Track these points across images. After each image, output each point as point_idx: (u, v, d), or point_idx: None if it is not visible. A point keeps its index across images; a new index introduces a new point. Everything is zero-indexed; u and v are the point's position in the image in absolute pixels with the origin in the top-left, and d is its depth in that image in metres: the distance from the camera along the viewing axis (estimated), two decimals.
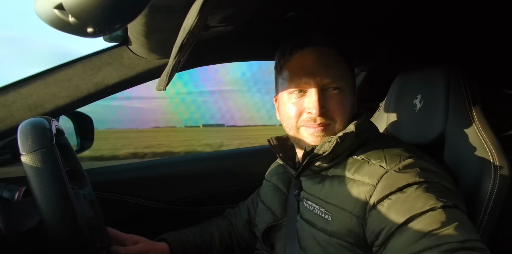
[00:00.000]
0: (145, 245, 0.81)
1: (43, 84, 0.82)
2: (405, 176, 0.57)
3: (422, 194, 0.54)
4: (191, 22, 0.47)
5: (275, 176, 0.86)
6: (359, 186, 0.60)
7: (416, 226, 0.52)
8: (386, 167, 0.59)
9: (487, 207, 0.61)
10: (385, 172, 0.58)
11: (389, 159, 0.60)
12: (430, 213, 0.52)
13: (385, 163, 0.60)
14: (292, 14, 0.76)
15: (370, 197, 0.58)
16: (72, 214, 0.51)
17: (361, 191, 0.59)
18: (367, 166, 0.61)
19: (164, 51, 0.83)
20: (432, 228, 0.50)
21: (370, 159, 0.62)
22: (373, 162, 0.61)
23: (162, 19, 0.62)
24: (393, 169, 0.58)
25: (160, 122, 76.54)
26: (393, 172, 0.58)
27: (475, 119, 0.69)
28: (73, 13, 0.28)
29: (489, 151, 0.64)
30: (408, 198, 0.54)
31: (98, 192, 0.86)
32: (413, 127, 0.83)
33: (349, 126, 0.66)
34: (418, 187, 0.55)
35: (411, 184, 0.56)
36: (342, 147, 0.65)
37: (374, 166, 0.60)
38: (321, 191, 0.66)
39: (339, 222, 0.61)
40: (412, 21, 0.86)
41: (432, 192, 0.54)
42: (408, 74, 0.89)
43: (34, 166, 0.50)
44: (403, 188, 0.56)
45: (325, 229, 0.63)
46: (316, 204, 0.66)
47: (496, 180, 0.61)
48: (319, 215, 0.64)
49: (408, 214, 0.53)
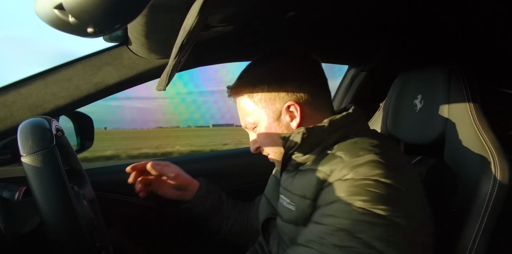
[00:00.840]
0: (184, 179, 0.93)
1: (43, 84, 0.82)
2: (358, 170, 0.56)
3: (360, 189, 0.54)
4: (191, 22, 0.47)
5: (277, 171, 0.89)
6: (316, 172, 0.62)
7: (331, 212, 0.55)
8: (344, 158, 0.60)
9: (487, 207, 0.61)
10: (341, 161, 0.59)
11: (352, 151, 0.60)
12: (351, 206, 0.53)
13: (346, 155, 0.60)
14: (292, 14, 0.76)
15: (323, 183, 0.60)
16: (72, 214, 0.51)
17: (315, 176, 0.62)
18: (332, 157, 0.62)
19: (164, 51, 0.83)
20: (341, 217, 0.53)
21: (337, 152, 0.63)
22: (338, 155, 0.62)
23: (162, 19, 0.62)
24: (350, 160, 0.58)
25: (163, 122, 76.77)
26: (348, 164, 0.58)
27: (476, 119, 0.69)
28: (73, 13, 0.28)
29: (489, 151, 0.64)
30: (348, 187, 0.55)
31: (98, 192, 0.86)
32: (413, 127, 0.83)
33: (324, 120, 0.67)
34: (362, 183, 0.55)
35: (358, 179, 0.56)
36: (312, 139, 0.66)
37: (337, 158, 0.61)
38: (291, 184, 0.68)
39: (301, 210, 0.63)
40: (412, 21, 0.86)
41: (373, 192, 0.53)
42: (408, 74, 0.89)
43: (34, 167, 0.50)
44: (348, 179, 0.56)
45: (290, 219, 0.65)
46: (286, 196, 0.68)
47: (496, 180, 0.61)
48: (286, 207, 0.67)
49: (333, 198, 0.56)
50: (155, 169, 0.88)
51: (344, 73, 1.37)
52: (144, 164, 0.89)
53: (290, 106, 0.70)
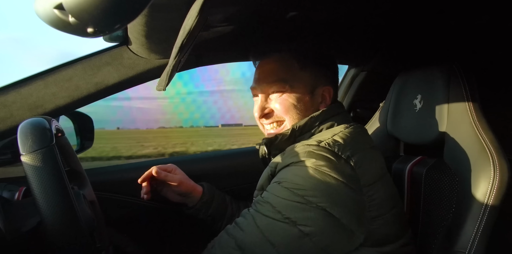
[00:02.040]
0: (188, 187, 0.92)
1: (43, 84, 0.82)
2: (303, 153, 0.61)
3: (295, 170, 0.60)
4: (191, 22, 0.47)
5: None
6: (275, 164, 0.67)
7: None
8: (294, 148, 0.65)
9: (486, 207, 0.61)
10: (293, 147, 0.65)
11: (303, 142, 0.66)
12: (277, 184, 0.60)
13: (299, 144, 0.65)
14: (292, 14, 0.76)
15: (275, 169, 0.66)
16: (72, 214, 0.51)
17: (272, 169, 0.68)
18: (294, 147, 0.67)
19: (164, 51, 0.83)
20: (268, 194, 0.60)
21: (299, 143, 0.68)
22: (296, 145, 0.67)
23: (162, 19, 0.62)
24: (299, 148, 0.63)
25: (166, 123, 76.88)
26: (294, 150, 0.63)
27: (475, 119, 0.69)
28: (73, 13, 0.28)
29: (489, 151, 0.64)
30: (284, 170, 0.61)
31: (98, 192, 0.86)
32: (413, 127, 0.83)
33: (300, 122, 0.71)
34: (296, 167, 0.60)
35: (293, 162, 0.61)
36: (275, 147, 0.71)
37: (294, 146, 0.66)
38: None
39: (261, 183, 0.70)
40: (412, 21, 0.86)
41: (306, 176, 0.58)
42: (408, 74, 0.89)
43: (34, 166, 0.50)
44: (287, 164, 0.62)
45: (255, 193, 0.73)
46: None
47: (495, 180, 0.61)
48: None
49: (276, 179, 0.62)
50: (160, 176, 0.89)
51: (344, 73, 1.37)
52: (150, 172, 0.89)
53: (326, 89, 0.75)
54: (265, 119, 0.76)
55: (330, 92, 0.75)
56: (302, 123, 0.70)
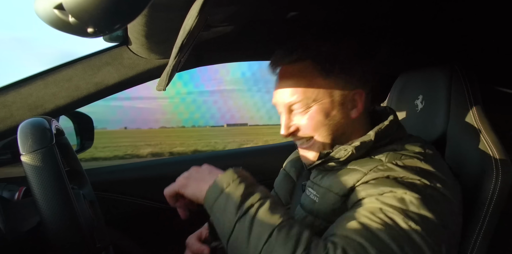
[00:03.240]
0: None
1: (43, 84, 0.81)
2: (399, 170, 0.56)
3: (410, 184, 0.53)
4: (191, 22, 0.47)
5: (289, 163, 0.88)
6: (352, 172, 0.60)
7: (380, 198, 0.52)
8: (384, 160, 0.59)
9: (489, 207, 0.61)
10: (381, 164, 0.59)
11: (391, 155, 0.60)
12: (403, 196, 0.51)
13: (385, 158, 0.60)
14: (292, 14, 0.76)
15: (358, 181, 0.58)
16: (72, 214, 0.51)
17: (351, 176, 0.60)
18: (369, 160, 0.62)
19: (164, 51, 0.83)
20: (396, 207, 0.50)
21: (375, 155, 0.62)
22: (375, 158, 0.62)
23: (162, 19, 0.62)
24: (390, 162, 0.58)
25: (166, 122, 76.63)
26: (388, 164, 0.58)
27: (477, 119, 0.69)
28: (73, 13, 0.28)
29: (491, 151, 0.64)
30: (394, 183, 0.53)
31: (98, 192, 0.86)
32: (414, 127, 0.83)
33: (369, 133, 0.64)
34: (408, 181, 0.54)
35: (403, 176, 0.55)
36: (357, 154, 0.64)
37: (374, 160, 0.61)
38: (321, 178, 0.67)
39: (323, 202, 0.62)
40: (412, 21, 0.86)
41: (423, 194, 0.52)
42: (409, 75, 0.89)
43: (34, 166, 0.50)
44: (393, 176, 0.55)
45: (311, 209, 0.64)
46: (312, 188, 0.67)
47: (498, 180, 0.61)
48: (311, 198, 0.66)
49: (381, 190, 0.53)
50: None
51: None
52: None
53: (357, 93, 0.66)
54: (292, 136, 0.68)
55: (362, 95, 0.66)
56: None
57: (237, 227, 0.49)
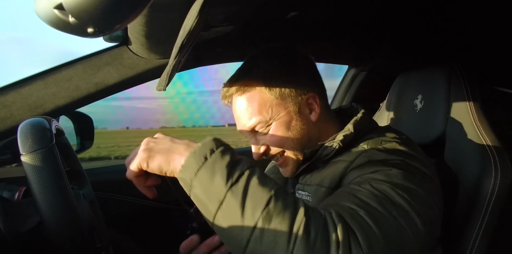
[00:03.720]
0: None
1: (43, 84, 0.81)
2: (382, 153, 0.58)
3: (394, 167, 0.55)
4: (191, 22, 0.47)
5: (273, 175, 0.86)
6: (338, 163, 0.62)
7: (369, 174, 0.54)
8: (366, 147, 0.62)
9: (488, 207, 0.61)
10: (364, 151, 0.60)
11: (372, 142, 0.62)
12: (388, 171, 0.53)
13: (367, 145, 0.62)
14: (292, 14, 0.76)
15: (345, 170, 0.60)
16: (72, 214, 0.51)
17: (338, 167, 0.61)
18: (353, 150, 0.64)
19: (164, 51, 0.83)
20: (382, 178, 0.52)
21: (357, 145, 0.64)
22: (358, 147, 0.63)
23: (162, 19, 0.62)
24: (371, 148, 0.60)
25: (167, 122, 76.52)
26: (371, 149, 0.60)
27: (476, 119, 0.69)
28: (73, 13, 0.28)
29: (490, 151, 0.64)
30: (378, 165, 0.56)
31: (98, 192, 0.86)
32: (413, 127, 0.83)
33: (347, 126, 0.66)
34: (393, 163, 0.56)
35: (386, 159, 0.57)
36: (341, 148, 0.65)
37: (357, 149, 0.63)
38: (309, 178, 0.67)
39: (316, 199, 0.62)
40: (412, 21, 0.86)
41: (405, 169, 0.54)
42: (408, 74, 0.89)
43: (34, 166, 0.50)
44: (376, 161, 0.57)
45: None
46: (303, 190, 0.67)
47: (497, 180, 0.61)
48: (303, 199, 0.65)
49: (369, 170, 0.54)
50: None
51: (344, 73, 1.37)
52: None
53: (310, 97, 0.68)
54: (265, 156, 0.70)
55: (315, 97, 0.68)
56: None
57: (229, 197, 0.44)
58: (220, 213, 0.44)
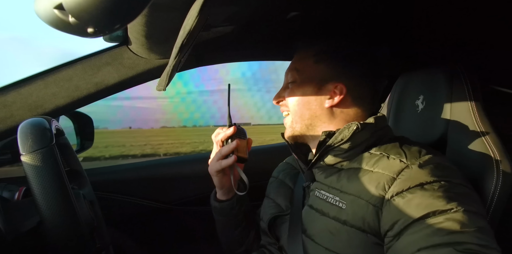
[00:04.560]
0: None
1: (43, 84, 0.81)
2: (427, 172, 0.57)
3: (444, 193, 0.54)
4: (191, 22, 0.47)
5: (282, 172, 0.88)
6: (379, 177, 0.60)
7: (434, 222, 0.51)
8: (406, 162, 0.60)
9: (490, 208, 0.61)
10: (406, 166, 0.59)
11: (409, 155, 0.61)
12: (451, 213, 0.51)
13: (405, 158, 0.60)
14: (292, 14, 0.76)
15: (390, 188, 0.58)
16: (72, 214, 0.51)
17: (380, 182, 0.59)
18: (387, 160, 0.62)
19: (164, 51, 0.83)
20: (451, 227, 0.50)
21: (390, 154, 0.63)
22: (392, 157, 0.62)
23: (162, 19, 0.62)
24: (414, 164, 0.59)
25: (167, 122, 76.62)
26: (414, 167, 0.58)
27: (478, 119, 0.69)
28: (73, 13, 0.28)
29: (492, 151, 0.64)
30: (431, 195, 0.54)
31: (98, 192, 0.86)
32: (415, 128, 0.83)
33: (369, 119, 0.67)
34: (440, 186, 0.55)
35: (433, 182, 0.56)
36: (360, 137, 0.65)
37: (394, 160, 0.61)
38: (337, 181, 0.66)
39: (353, 210, 0.61)
40: (412, 21, 0.86)
41: (455, 194, 0.54)
42: (410, 75, 0.89)
43: (34, 166, 0.50)
44: (424, 184, 0.56)
45: (338, 217, 0.63)
46: (330, 193, 0.66)
47: (498, 181, 0.61)
48: (332, 203, 0.64)
49: (428, 209, 0.53)
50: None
51: None
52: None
53: (338, 86, 0.70)
54: (280, 105, 0.78)
55: (343, 90, 0.69)
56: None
57: None
58: None
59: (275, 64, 1.46)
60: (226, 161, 0.75)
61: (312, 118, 0.72)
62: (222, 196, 0.84)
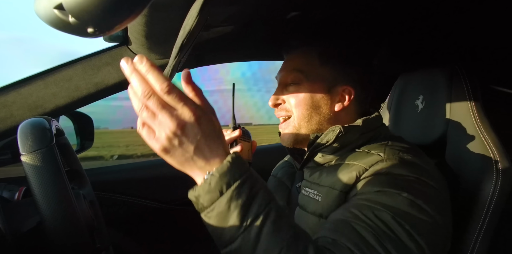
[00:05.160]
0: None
1: (43, 84, 0.82)
2: (399, 166, 0.58)
3: (404, 183, 0.55)
4: (191, 22, 0.47)
5: (281, 170, 0.88)
6: (352, 167, 0.61)
7: (375, 195, 0.53)
8: (383, 156, 0.60)
9: (489, 207, 0.61)
10: (381, 160, 0.60)
11: (389, 151, 0.62)
12: (395, 195, 0.52)
13: (384, 153, 0.61)
14: (292, 14, 0.76)
15: (360, 176, 0.59)
16: (72, 214, 0.51)
17: (352, 171, 0.60)
18: (366, 154, 0.63)
19: (164, 51, 0.83)
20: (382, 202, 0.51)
21: (370, 150, 0.64)
22: (372, 152, 0.63)
23: (162, 19, 0.62)
24: (389, 159, 0.59)
25: None
26: (388, 161, 0.59)
27: (477, 119, 0.69)
28: (73, 13, 0.28)
29: (491, 151, 0.64)
30: (389, 180, 0.55)
31: (98, 192, 0.86)
32: (414, 128, 0.83)
33: (357, 121, 0.67)
34: (404, 179, 0.56)
35: (400, 175, 0.56)
36: (346, 139, 0.65)
37: (372, 155, 0.62)
38: (319, 177, 0.67)
39: (327, 201, 0.62)
40: (412, 21, 0.86)
41: (414, 188, 0.54)
42: (410, 75, 0.89)
43: (34, 166, 0.50)
44: (390, 174, 0.56)
45: (314, 211, 0.64)
46: (311, 188, 0.67)
47: (498, 180, 0.61)
48: (312, 198, 0.65)
49: (379, 187, 0.54)
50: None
51: None
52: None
53: (346, 89, 0.69)
54: (276, 108, 0.73)
55: (351, 92, 0.69)
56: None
57: (239, 241, 0.42)
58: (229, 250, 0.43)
59: (275, 64, 1.47)
60: None
61: (320, 122, 0.69)
62: None
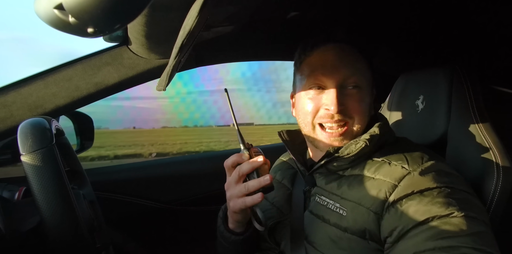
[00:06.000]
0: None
1: (43, 84, 0.82)
2: (428, 178, 0.56)
3: (444, 199, 0.53)
4: (191, 22, 0.47)
5: (279, 172, 0.86)
6: (380, 184, 0.59)
7: (431, 227, 0.51)
8: (408, 168, 0.59)
9: (490, 207, 0.61)
10: (408, 173, 0.58)
11: (411, 161, 0.60)
12: (449, 218, 0.51)
13: (407, 165, 0.59)
14: (292, 14, 0.76)
15: (390, 195, 0.57)
16: (72, 214, 0.51)
17: (381, 189, 0.58)
18: (388, 166, 0.61)
19: (164, 51, 0.83)
20: (447, 231, 0.49)
21: (391, 161, 0.62)
22: (394, 163, 0.61)
23: (162, 19, 0.62)
24: (416, 170, 0.58)
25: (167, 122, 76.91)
26: (415, 174, 0.58)
27: (478, 119, 0.69)
28: (73, 13, 0.28)
29: (492, 151, 0.64)
30: (430, 201, 0.54)
31: (98, 192, 0.86)
32: (415, 127, 0.83)
33: (373, 129, 0.65)
34: (440, 192, 0.55)
35: (434, 188, 0.55)
36: (367, 150, 0.64)
37: (395, 167, 0.60)
38: (338, 188, 0.65)
39: (354, 217, 0.60)
40: (413, 22, 0.86)
41: (455, 199, 0.54)
42: (410, 75, 0.89)
43: (34, 166, 0.50)
44: (424, 191, 0.55)
45: (338, 224, 0.62)
46: (331, 199, 0.65)
47: (499, 180, 0.61)
48: (333, 210, 0.63)
49: (426, 215, 0.52)
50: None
51: None
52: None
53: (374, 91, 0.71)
54: (339, 115, 0.64)
55: (374, 94, 0.72)
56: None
57: None
58: None
59: (275, 64, 1.45)
60: (252, 200, 0.60)
61: (365, 126, 0.67)
62: (236, 228, 0.72)
